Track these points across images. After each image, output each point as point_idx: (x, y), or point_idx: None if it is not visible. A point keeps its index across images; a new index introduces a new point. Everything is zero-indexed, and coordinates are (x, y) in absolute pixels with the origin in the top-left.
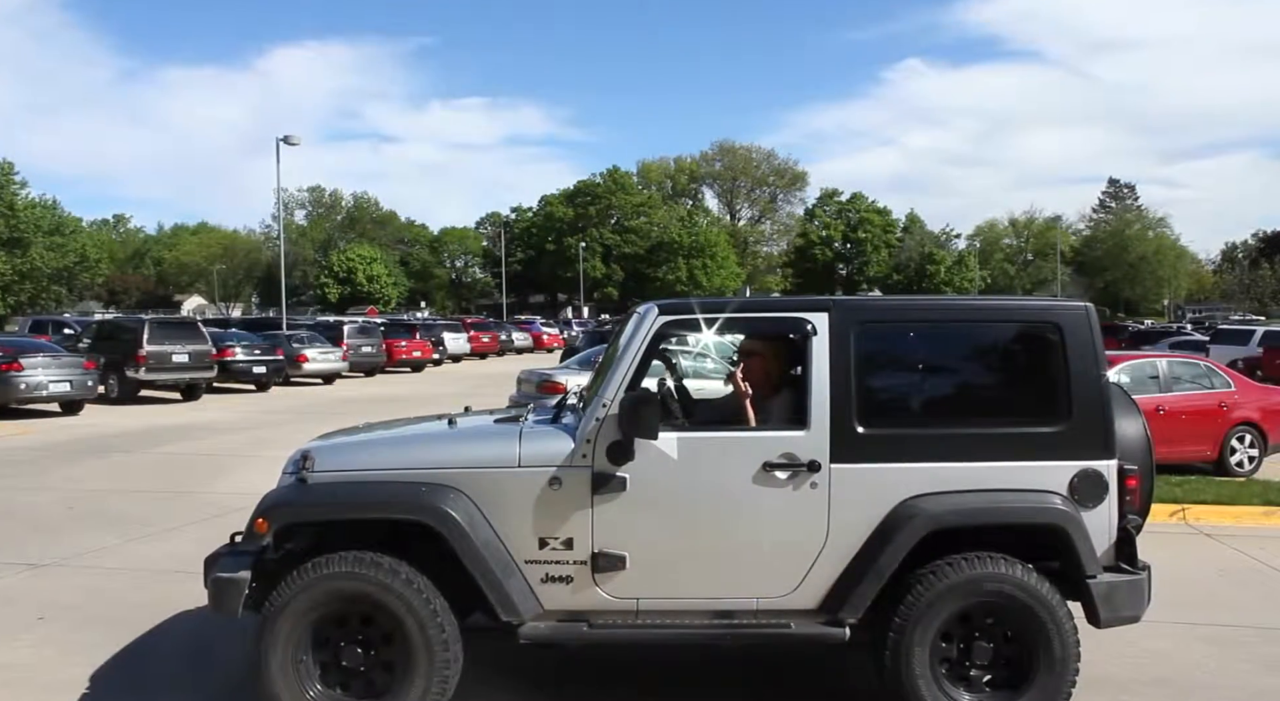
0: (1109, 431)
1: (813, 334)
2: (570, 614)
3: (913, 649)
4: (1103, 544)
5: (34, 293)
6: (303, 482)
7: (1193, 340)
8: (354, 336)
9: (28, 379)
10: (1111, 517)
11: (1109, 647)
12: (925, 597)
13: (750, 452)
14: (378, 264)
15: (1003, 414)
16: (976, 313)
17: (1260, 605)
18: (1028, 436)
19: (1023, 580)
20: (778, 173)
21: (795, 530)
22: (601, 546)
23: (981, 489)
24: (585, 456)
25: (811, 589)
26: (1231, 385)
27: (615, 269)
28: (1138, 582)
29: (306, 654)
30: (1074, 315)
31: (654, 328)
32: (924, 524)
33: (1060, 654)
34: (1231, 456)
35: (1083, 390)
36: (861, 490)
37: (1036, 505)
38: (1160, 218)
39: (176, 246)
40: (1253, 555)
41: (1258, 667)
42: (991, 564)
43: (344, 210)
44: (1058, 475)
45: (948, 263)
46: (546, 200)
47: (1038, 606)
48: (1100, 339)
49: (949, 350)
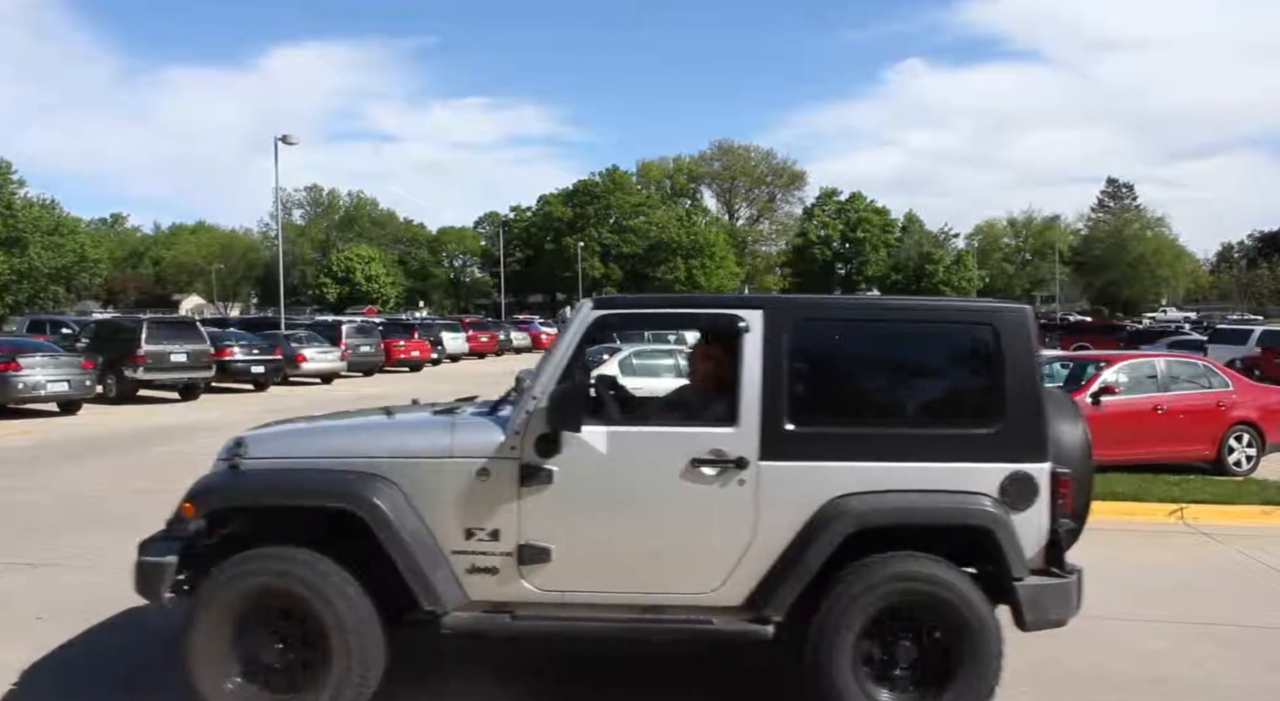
0: (1042, 434)
1: (745, 331)
2: (496, 605)
3: (835, 647)
4: (1033, 547)
5: (32, 292)
6: (234, 469)
7: (1191, 340)
8: (352, 336)
9: (26, 378)
10: (1043, 521)
11: (1107, 647)
12: (847, 596)
13: (679, 448)
14: (376, 263)
15: (935, 415)
16: (912, 313)
17: (1259, 604)
18: (959, 437)
19: (946, 580)
20: (776, 172)
21: (722, 526)
22: (527, 538)
23: (909, 489)
24: (514, 448)
25: (738, 585)
26: (1230, 384)
27: (614, 268)
28: (1065, 586)
29: (227, 647)
30: (1010, 317)
31: (587, 322)
32: (849, 523)
33: (983, 654)
34: (1230, 456)
35: (1017, 393)
36: (790, 488)
37: (962, 506)
38: (1159, 217)
39: (175, 246)
40: (1251, 554)
41: (1257, 667)
42: (915, 563)
43: (342, 210)
44: (988, 477)
45: (946, 262)
46: (545, 200)
47: (961, 606)
48: (1036, 341)
49: (883, 350)
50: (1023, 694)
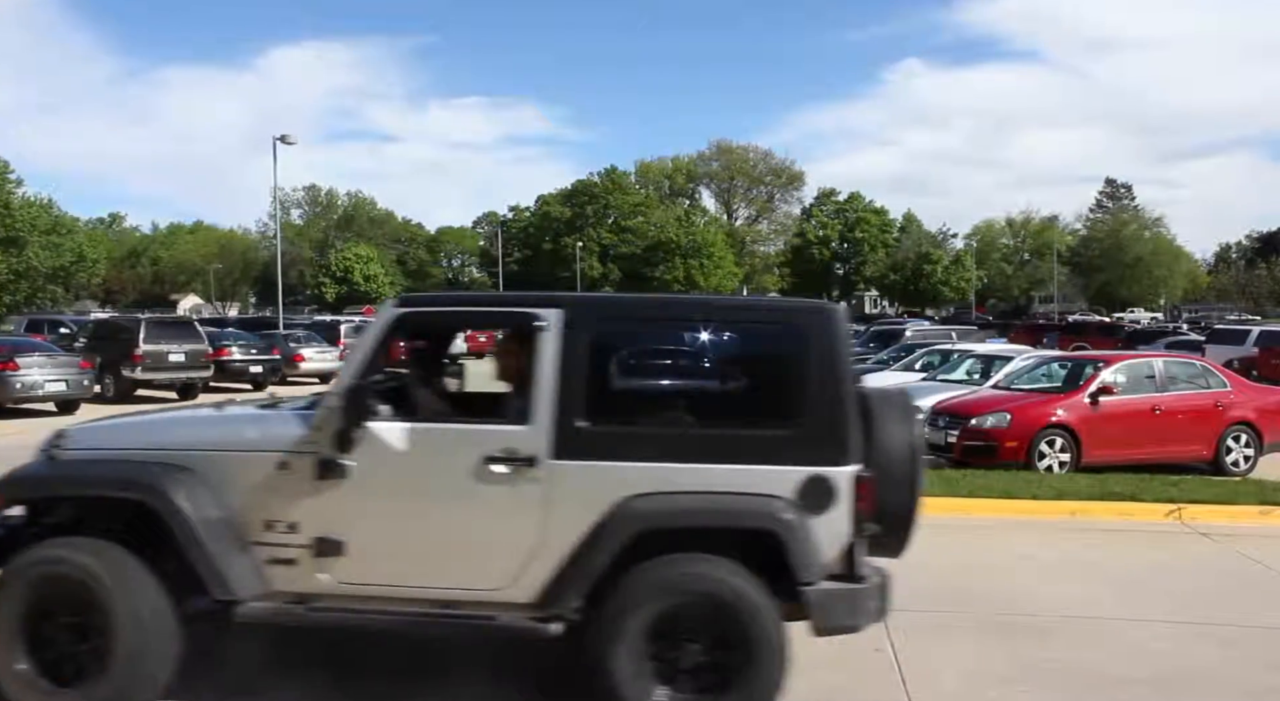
0: (844, 437)
1: (542, 330)
2: (296, 596)
3: (613, 646)
4: (832, 551)
5: (30, 292)
6: (51, 459)
7: (1189, 340)
8: (351, 336)
9: (23, 378)
10: (843, 525)
11: (1106, 647)
12: (629, 596)
13: (472, 446)
14: (375, 263)
15: (733, 416)
16: (712, 313)
17: (1258, 604)
18: (757, 439)
19: (726, 583)
20: (775, 172)
21: (513, 524)
22: (323, 531)
23: (701, 491)
24: (314, 443)
25: (530, 583)
26: (1227, 385)
27: (612, 269)
28: (856, 592)
29: (17, 632)
30: (812, 317)
31: (389, 320)
32: (635, 524)
33: (765, 658)
34: (1227, 456)
35: (817, 394)
36: (581, 487)
37: (748, 509)
38: (1157, 218)
39: (173, 245)
40: (1249, 554)
41: (1256, 666)
42: (696, 565)
43: (340, 209)
44: (785, 479)
45: (944, 262)
46: (544, 200)
47: (742, 610)
48: (843, 343)
49: (683, 350)
50: (1022, 693)
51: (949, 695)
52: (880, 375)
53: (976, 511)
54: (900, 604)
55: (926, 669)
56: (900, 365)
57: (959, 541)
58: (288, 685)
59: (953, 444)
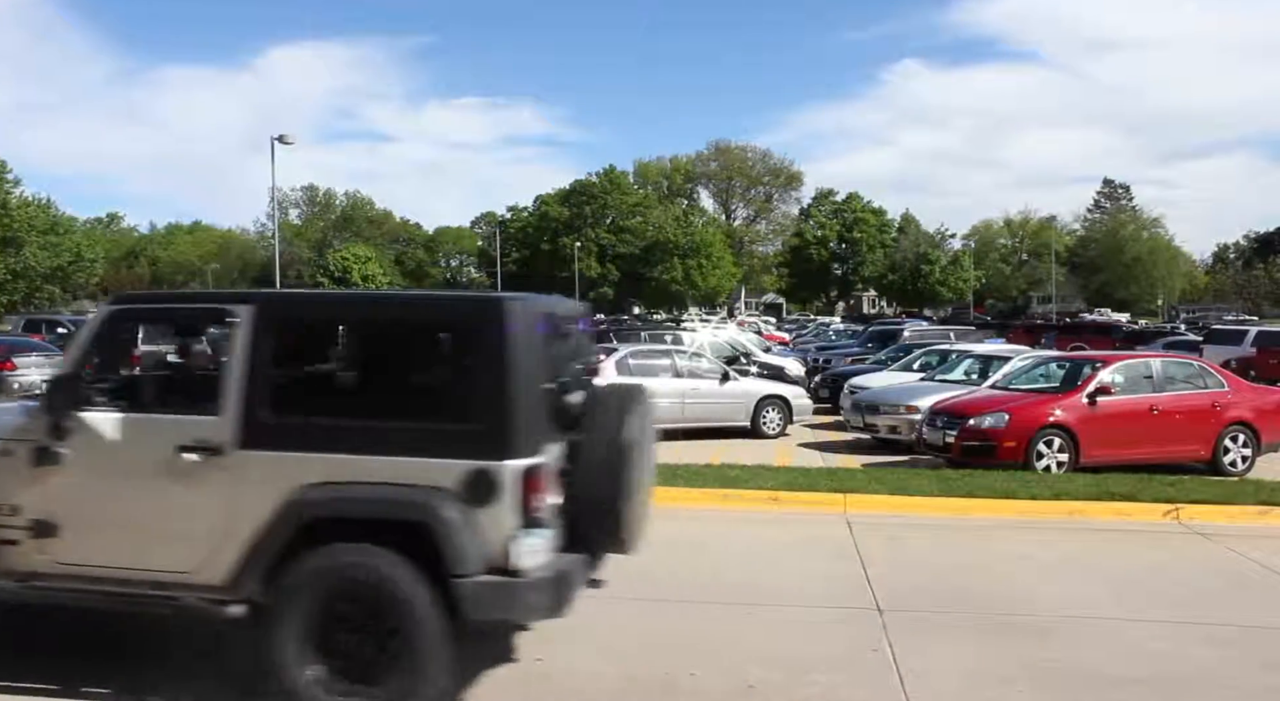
0: (509, 432)
1: (234, 325)
2: (22, 575)
3: (281, 629)
4: (495, 544)
5: (28, 292)
6: None
7: (1187, 340)
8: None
9: (21, 378)
10: (506, 519)
11: (1104, 646)
12: (294, 582)
13: (169, 435)
14: (373, 263)
15: (406, 409)
16: (390, 310)
17: (1255, 604)
18: (427, 432)
19: (379, 571)
20: (773, 172)
21: (203, 510)
22: (41, 514)
23: (364, 481)
24: (33, 431)
25: (219, 567)
26: (1225, 385)
27: (611, 269)
28: (515, 586)
29: None
30: (481, 314)
31: (102, 316)
32: (304, 512)
33: (421, 646)
34: (1225, 456)
35: (487, 390)
36: (263, 476)
37: (402, 500)
38: (1155, 218)
39: (171, 245)
40: (1247, 555)
41: (1253, 666)
42: (353, 554)
43: (338, 209)
44: (450, 472)
45: (943, 263)
46: (542, 200)
47: (397, 598)
48: (519, 337)
49: (363, 345)
50: (1019, 693)
51: (947, 695)
52: (879, 375)
53: (975, 511)
54: (898, 603)
55: (924, 668)
56: (899, 365)
57: (957, 541)
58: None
59: (951, 444)
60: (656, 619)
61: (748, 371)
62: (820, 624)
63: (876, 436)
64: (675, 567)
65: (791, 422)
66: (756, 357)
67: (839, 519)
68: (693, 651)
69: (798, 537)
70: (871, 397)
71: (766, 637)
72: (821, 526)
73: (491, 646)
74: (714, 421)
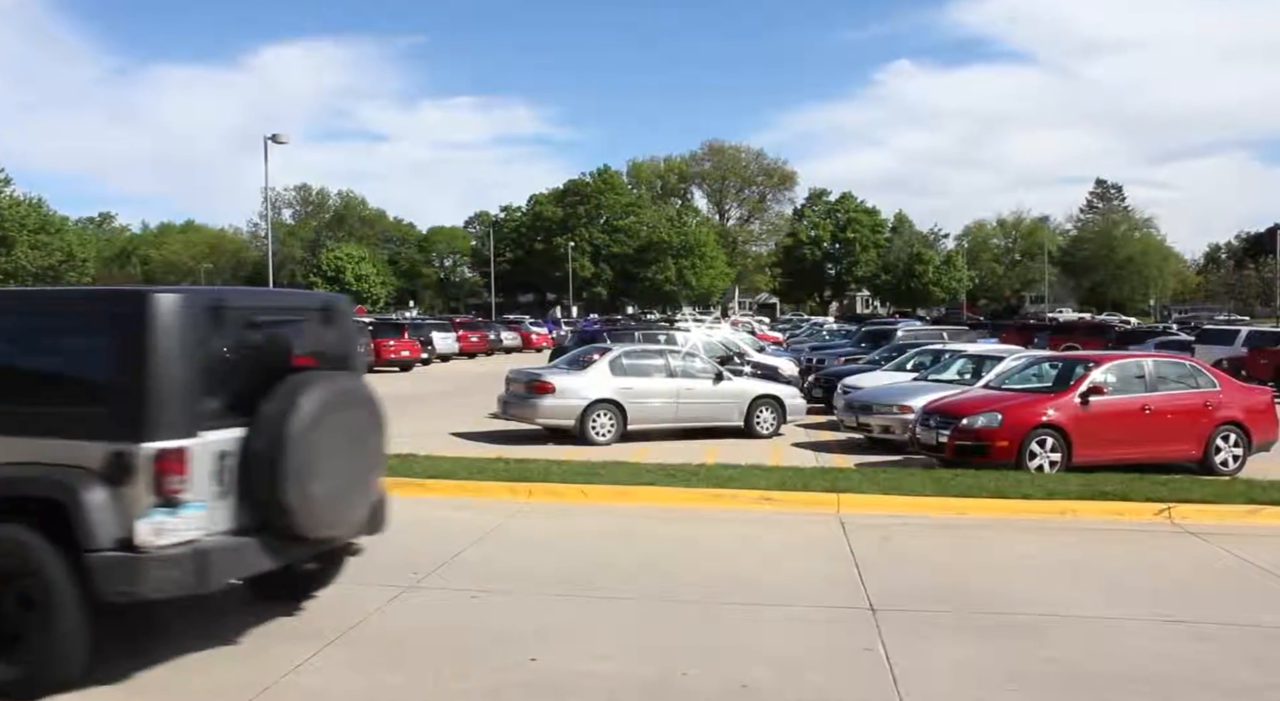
0: (146, 416)
1: None
2: None
3: None
4: (129, 522)
5: None
6: None
7: (1178, 340)
8: None
9: None
10: (140, 497)
11: (1096, 645)
12: None
13: None
14: (366, 263)
15: (54, 396)
16: (38, 302)
17: (1248, 603)
18: (72, 416)
19: (14, 543)
20: (767, 172)
21: None
22: None
23: (9, 461)
24: None
25: None
26: (1216, 385)
27: (604, 268)
28: (140, 561)
29: None
30: (121, 306)
31: None
32: None
33: (53, 622)
34: (1216, 455)
35: (123, 376)
36: None
37: (38, 477)
38: (1147, 218)
39: (163, 245)
40: (1238, 554)
41: (1244, 664)
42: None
43: (331, 209)
44: (89, 454)
45: (935, 263)
46: (536, 199)
47: (27, 571)
48: (161, 328)
49: (16, 336)
50: (1011, 692)
51: (940, 694)
52: (872, 375)
53: (968, 511)
54: (892, 603)
55: (917, 668)
56: (892, 365)
57: (950, 541)
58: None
59: (944, 444)
60: (650, 618)
61: (741, 371)
62: (814, 623)
63: (870, 436)
64: (668, 567)
65: (785, 422)
66: (750, 357)
67: (832, 518)
68: (686, 651)
69: (791, 537)
70: (865, 397)
71: (760, 637)
72: (815, 526)
73: (487, 645)
74: (707, 421)
